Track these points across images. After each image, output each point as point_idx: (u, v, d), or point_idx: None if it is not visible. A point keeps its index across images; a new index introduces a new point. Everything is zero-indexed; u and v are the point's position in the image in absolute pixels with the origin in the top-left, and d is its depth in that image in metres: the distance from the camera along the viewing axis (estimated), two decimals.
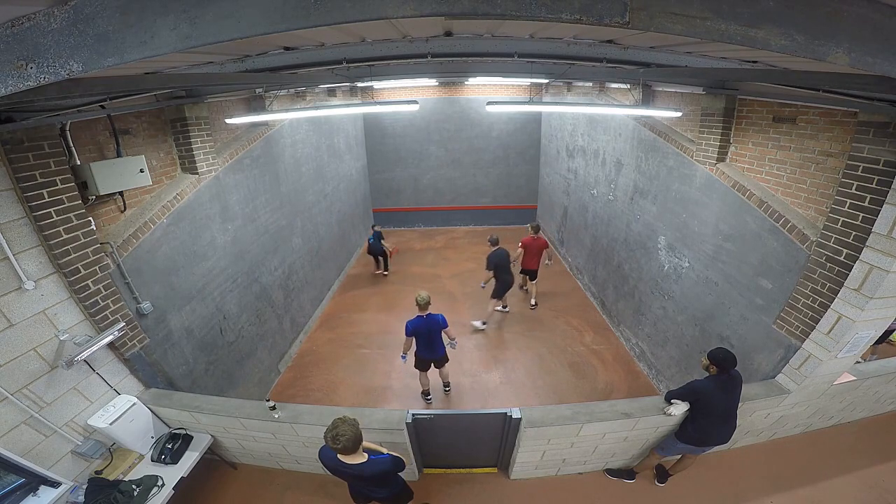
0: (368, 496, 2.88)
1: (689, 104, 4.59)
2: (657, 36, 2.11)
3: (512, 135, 10.79)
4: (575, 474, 3.83)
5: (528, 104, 5.35)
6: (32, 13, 1.10)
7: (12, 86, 1.18)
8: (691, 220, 4.63)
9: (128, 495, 2.90)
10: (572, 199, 8.63)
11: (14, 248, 2.54)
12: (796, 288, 3.35)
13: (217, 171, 4.43)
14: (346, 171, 9.17)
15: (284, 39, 2.33)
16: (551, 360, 5.99)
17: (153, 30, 1.07)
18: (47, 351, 2.75)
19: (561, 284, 8.33)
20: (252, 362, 5.17)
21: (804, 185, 3.38)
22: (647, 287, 5.61)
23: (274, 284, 5.78)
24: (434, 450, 3.74)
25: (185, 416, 3.46)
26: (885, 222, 2.55)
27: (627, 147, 6.05)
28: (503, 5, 1.02)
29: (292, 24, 1.05)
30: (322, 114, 7.37)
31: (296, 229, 6.56)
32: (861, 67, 1.14)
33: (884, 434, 4.16)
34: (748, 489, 3.63)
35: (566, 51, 3.10)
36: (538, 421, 3.20)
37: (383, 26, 2.18)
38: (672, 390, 3.30)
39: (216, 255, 4.49)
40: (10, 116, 2.40)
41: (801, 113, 3.32)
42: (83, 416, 3.02)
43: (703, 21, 1.07)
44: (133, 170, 3.26)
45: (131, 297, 3.38)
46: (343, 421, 2.38)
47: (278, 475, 3.90)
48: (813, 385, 3.41)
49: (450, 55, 3.37)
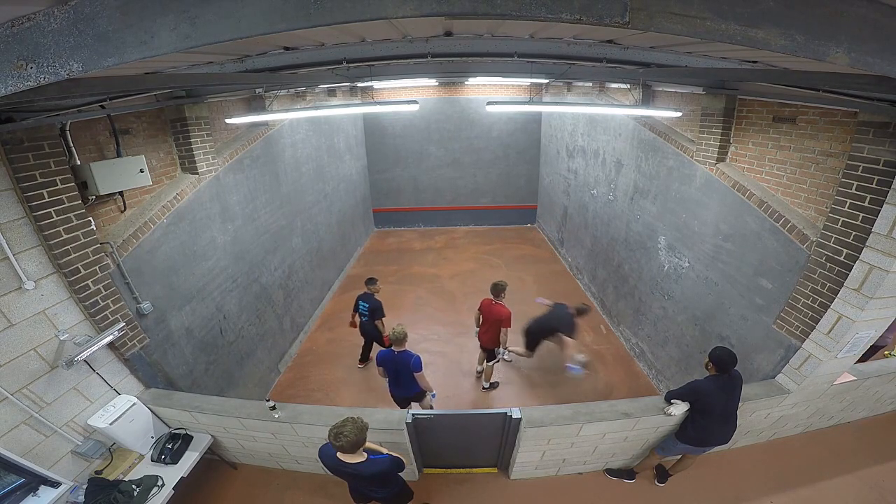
0: (368, 496, 2.88)
1: (689, 104, 4.59)
2: (657, 36, 2.11)
3: (512, 135, 10.79)
4: (575, 474, 3.83)
5: (528, 104, 5.34)
6: (32, 13, 1.10)
7: (12, 86, 1.18)
8: (691, 220, 4.63)
9: (128, 495, 2.90)
10: (572, 199, 8.63)
11: (14, 248, 2.54)
12: (796, 288, 3.35)
13: (217, 171, 4.43)
14: (346, 171, 9.17)
15: (284, 39, 2.33)
16: (551, 360, 5.98)
17: (153, 30, 1.07)
18: (47, 351, 2.75)
19: (561, 284, 8.33)
20: (252, 362, 5.17)
21: (804, 185, 3.38)
22: (647, 287, 5.61)
23: (274, 284, 5.78)
24: (434, 450, 3.74)
25: (185, 416, 3.46)
26: (885, 222, 2.55)
27: (627, 147, 6.05)
28: (503, 5, 1.02)
29: (292, 25, 1.05)
30: (322, 114, 7.37)
31: (296, 229, 6.56)
32: (861, 67, 1.14)
33: (884, 434, 4.15)
34: (748, 489, 3.63)
35: (566, 51, 3.10)
36: (538, 421, 3.20)
37: (383, 26, 2.18)
38: (672, 390, 3.30)
39: (216, 255, 4.49)
40: (10, 116, 2.41)
41: (801, 113, 3.32)
42: (83, 416, 3.03)
43: (703, 21, 1.07)
44: (133, 170, 3.26)
45: (131, 297, 3.38)
46: (353, 421, 2.37)
47: (278, 475, 3.90)
48: (813, 385, 3.41)
49: (450, 55, 3.37)
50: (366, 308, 5.23)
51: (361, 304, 5.30)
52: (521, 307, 7.36)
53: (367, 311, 5.22)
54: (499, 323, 4.68)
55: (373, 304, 5.21)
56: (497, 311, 4.68)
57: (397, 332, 3.77)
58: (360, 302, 5.31)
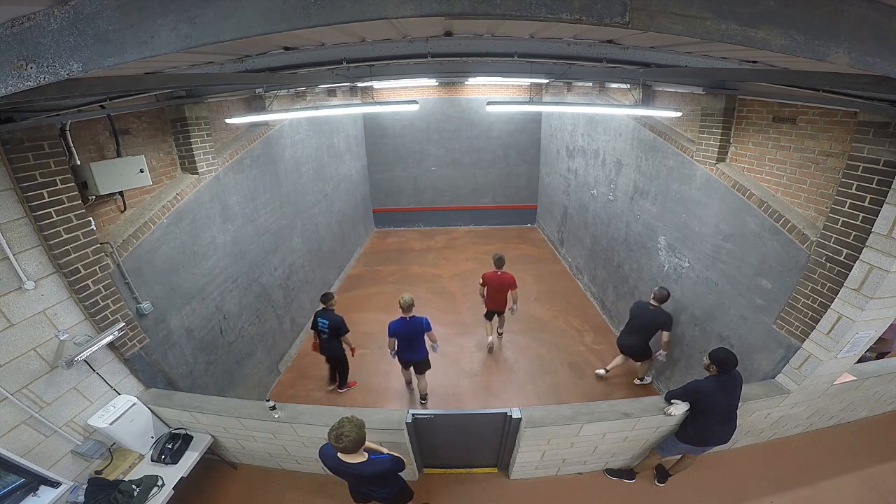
0: (368, 496, 2.88)
1: (689, 104, 4.59)
2: (657, 36, 2.11)
3: (512, 135, 10.79)
4: (575, 474, 3.83)
5: (528, 104, 5.33)
6: (32, 13, 1.09)
7: (12, 86, 1.17)
8: (691, 220, 4.63)
9: (128, 495, 2.90)
10: (572, 200, 8.63)
11: (14, 248, 2.54)
12: (796, 288, 3.35)
13: (217, 171, 4.43)
14: (346, 171, 9.17)
15: (284, 39, 2.33)
16: (551, 360, 5.99)
17: (153, 30, 1.07)
18: (47, 351, 2.75)
19: (561, 284, 8.33)
20: (252, 362, 5.16)
21: (804, 185, 3.38)
22: (648, 287, 5.60)
23: (274, 284, 5.78)
24: (434, 450, 3.74)
25: (185, 416, 3.46)
26: (885, 222, 2.55)
27: (627, 147, 6.05)
28: (503, 5, 1.02)
29: (292, 24, 1.05)
30: (322, 114, 7.36)
31: (296, 229, 6.56)
32: (861, 67, 1.14)
33: (884, 434, 4.15)
34: (748, 489, 3.63)
35: (566, 51, 3.10)
36: (538, 421, 3.20)
37: (383, 26, 2.18)
38: (672, 390, 3.30)
39: (216, 255, 4.49)
40: (10, 116, 2.40)
41: (801, 113, 3.32)
42: (83, 416, 3.03)
43: (703, 21, 1.06)
44: (133, 170, 3.26)
45: (131, 297, 3.38)
46: (349, 421, 2.38)
47: (278, 475, 3.90)
48: (813, 385, 3.41)
49: (450, 55, 3.36)
50: (326, 325, 4.84)
51: (321, 321, 4.87)
52: (522, 307, 7.36)
53: (328, 328, 4.84)
54: (508, 287, 5.55)
55: (333, 321, 4.82)
56: (505, 279, 5.55)
57: (406, 299, 4.34)
58: (319, 319, 4.88)
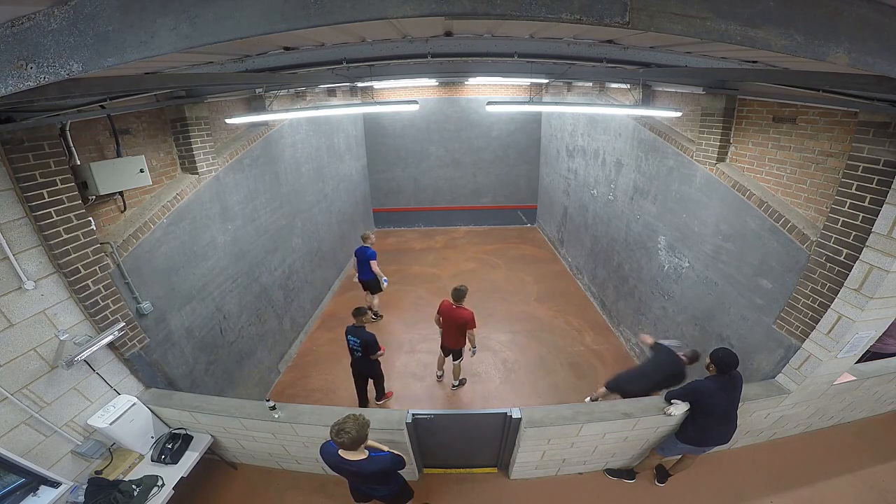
0: (369, 494, 2.88)
1: (688, 104, 4.59)
2: (657, 36, 2.11)
3: (512, 135, 10.79)
4: (575, 474, 3.83)
5: (528, 104, 5.34)
6: (32, 13, 1.10)
7: (12, 86, 1.18)
8: (691, 220, 4.63)
9: (128, 495, 2.90)
10: (572, 200, 8.63)
11: (14, 248, 2.54)
12: (796, 288, 3.35)
13: (217, 171, 4.43)
14: (346, 171, 9.17)
15: (284, 39, 2.33)
16: (551, 360, 5.99)
17: (153, 30, 1.07)
18: (47, 351, 2.75)
19: (561, 284, 8.33)
20: (252, 362, 5.16)
21: (804, 185, 3.38)
22: (647, 287, 5.61)
23: (274, 284, 5.78)
24: (434, 450, 3.74)
25: (185, 416, 3.46)
26: (885, 222, 2.55)
27: (627, 147, 6.05)
28: (503, 5, 1.02)
29: (292, 24, 1.05)
30: (322, 114, 7.36)
31: (296, 229, 6.56)
32: (861, 67, 1.14)
33: (884, 434, 4.15)
34: (748, 489, 3.63)
35: (566, 51, 3.10)
36: (538, 421, 3.20)
37: (383, 26, 2.18)
38: (672, 390, 3.30)
39: (216, 255, 4.48)
40: (10, 116, 2.40)
41: (801, 113, 3.32)
42: (83, 416, 3.02)
43: (703, 21, 1.07)
44: (133, 170, 3.26)
45: (131, 297, 3.38)
46: (354, 418, 2.39)
47: (278, 475, 3.90)
48: (813, 385, 3.41)
49: (450, 55, 3.37)
50: (357, 344, 4.44)
51: (351, 340, 4.47)
52: (522, 307, 7.42)
53: (360, 346, 4.44)
54: (463, 326, 4.69)
55: (365, 338, 4.39)
56: (460, 315, 4.65)
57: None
58: (350, 337, 4.48)
